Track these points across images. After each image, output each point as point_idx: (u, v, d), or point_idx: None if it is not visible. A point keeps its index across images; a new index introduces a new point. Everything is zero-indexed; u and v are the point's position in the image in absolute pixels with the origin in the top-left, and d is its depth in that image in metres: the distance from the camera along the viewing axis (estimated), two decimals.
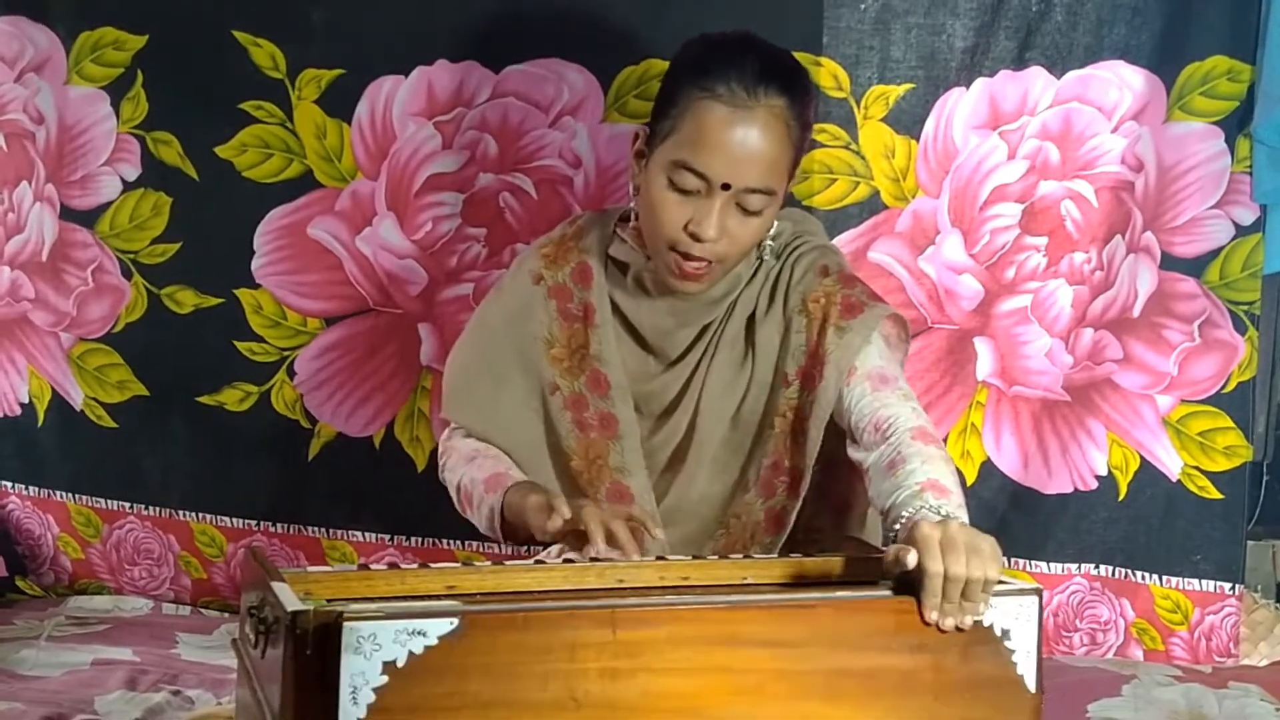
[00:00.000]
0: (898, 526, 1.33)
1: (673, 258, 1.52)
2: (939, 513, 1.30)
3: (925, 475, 1.37)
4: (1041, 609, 1.21)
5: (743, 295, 1.62)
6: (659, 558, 1.41)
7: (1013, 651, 1.19)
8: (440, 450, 1.74)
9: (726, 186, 1.47)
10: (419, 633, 1.03)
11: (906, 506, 1.33)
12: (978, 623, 1.18)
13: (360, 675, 1.02)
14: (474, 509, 1.63)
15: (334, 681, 1.02)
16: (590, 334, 1.64)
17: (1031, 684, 1.19)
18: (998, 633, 1.18)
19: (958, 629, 1.18)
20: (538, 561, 1.38)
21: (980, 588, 1.18)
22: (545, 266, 1.68)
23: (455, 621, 1.04)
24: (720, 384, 1.61)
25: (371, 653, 1.02)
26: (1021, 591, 1.20)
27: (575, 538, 1.48)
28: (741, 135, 1.46)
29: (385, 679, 1.02)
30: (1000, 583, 1.19)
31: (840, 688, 1.15)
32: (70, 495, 2.47)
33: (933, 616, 1.18)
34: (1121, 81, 2.09)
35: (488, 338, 1.70)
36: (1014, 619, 1.19)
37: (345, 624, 1.00)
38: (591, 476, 1.63)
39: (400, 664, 1.02)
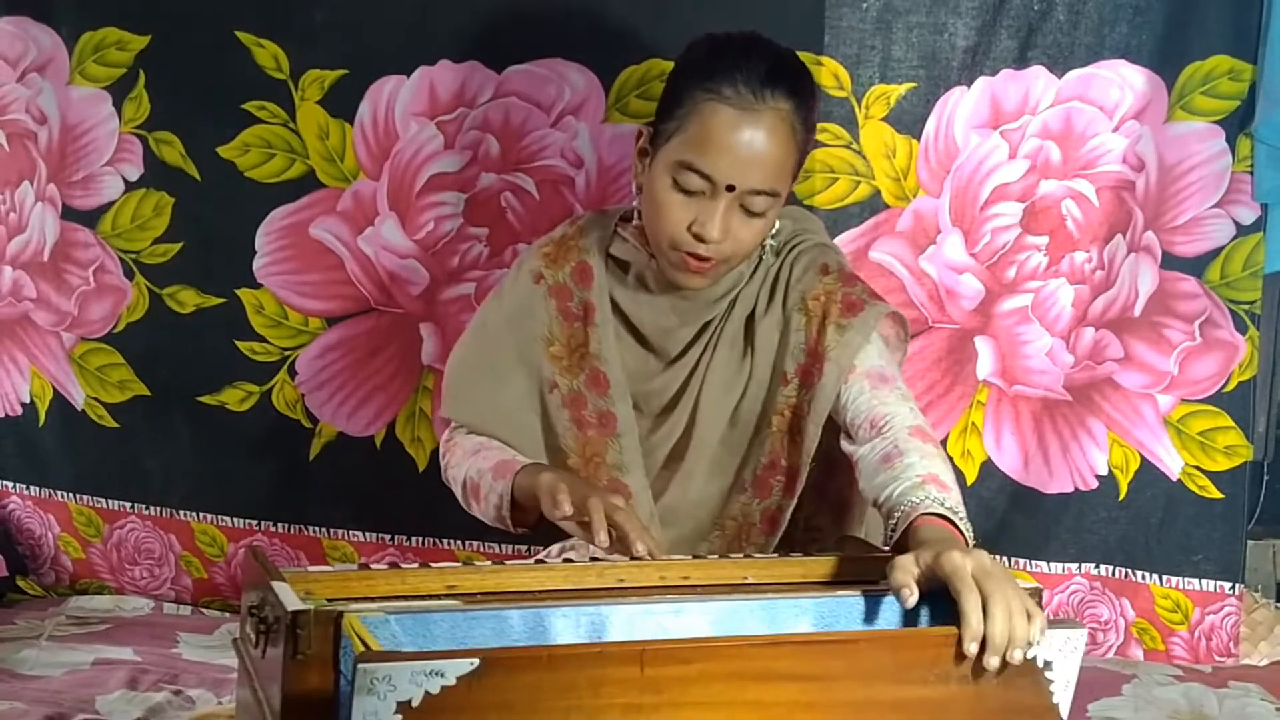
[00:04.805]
0: (897, 515, 1.33)
1: (676, 255, 1.52)
2: (943, 505, 1.30)
3: (925, 469, 1.36)
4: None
5: (743, 293, 1.62)
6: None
7: (1052, 682, 1.15)
8: (442, 451, 1.73)
9: (731, 188, 1.47)
10: (437, 673, 0.99)
11: (907, 498, 1.33)
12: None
13: (373, 715, 0.98)
14: (481, 500, 1.61)
15: (334, 681, 1.02)
16: (590, 333, 1.64)
17: (1065, 713, 1.17)
18: (1040, 664, 1.15)
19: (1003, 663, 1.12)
20: (538, 561, 1.38)
21: (1023, 614, 1.11)
22: (546, 266, 1.68)
23: (476, 662, 1.00)
24: (720, 382, 1.61)
25: (386, 694, 0.98)
26: (1071, 625, 1.16)
27: (582, 525, 1.46)
28: (748, 137, 1.46)
29: (399, 718, 0.98)
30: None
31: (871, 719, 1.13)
32: (71, 495, 2.47)
33: (973, 649, 1.11)
34: (1123, 81, 2.09)
35: (488, 336, 1.70)
36: (1058, 651, 1.15)
37: (360, 666, 0.97)
38: (589, 474, 1.63)
39: (415, 704, 0.99)
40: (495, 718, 1.02)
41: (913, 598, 1.16)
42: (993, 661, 1.11)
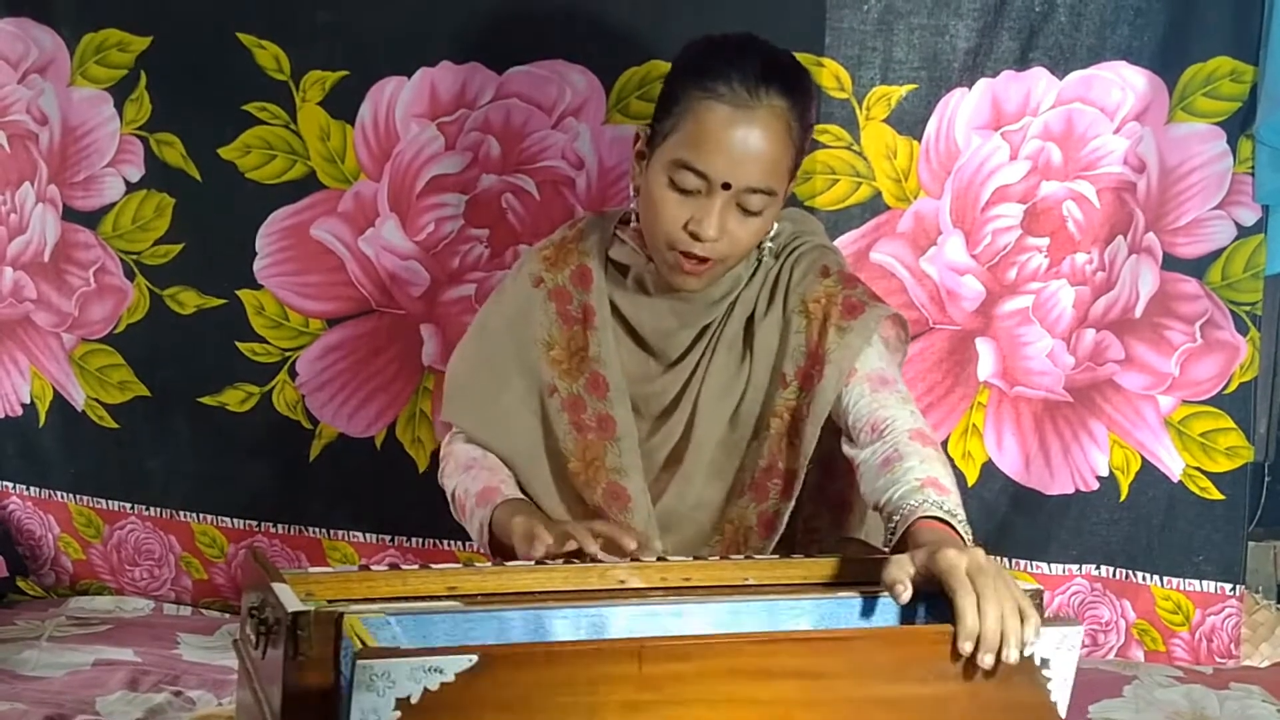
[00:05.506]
0: (897, 518, 1.33)
1: (673, 256, 1.52)
2: (941, 508, 1.30)
3: (925, 473, 1.36)
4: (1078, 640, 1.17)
5: (742, 295, 1.61)
6: (659, 558, 1.40)
7: (1049, 680, 1.15)
8: (441, 455, 1.74)
9: (727, 186, 1.47)
10: (436, 670, 0.99)
11: (907, 501, 1.33)
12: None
13: (373, 712, 0.98)
14: (466, 519, 1.64)
15: (334, 682, 1.02)
16: (589, 336, 1.64)
17: (1063, 710, 1.17)
18: (1037, 661, 1.15)
19: (997, 661, 1.11)
20: (539, 563, 1.38)
21: (1016, 614, 1.11)
22: (545, 269, 1.68)
23: (474, 659, 1.00)
24: (718, 385, 1.61)
25: (385, 690, 0.98)
26: (1067, 623, 1.17)
27: (564, 558, 1.45)
28: (743, 135, 1.46)
29: (398, 714, 0.99)
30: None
31: (870, 717, 1.12)
32: (71, 496, 2.47)
33: (967, 648, 1.11)
34: (1124, 82, 2.09)
35: (488, 340, 1.70)
36: (1055, 649, 1.15)
37: (359, 662, 0.97)
38: (589, 478, 1.63)
39: (414, 700, 0.99)
40: (494, 714, 1.02)
41: (906, 594, 1.15)
42: (987, 659, 1.11)
